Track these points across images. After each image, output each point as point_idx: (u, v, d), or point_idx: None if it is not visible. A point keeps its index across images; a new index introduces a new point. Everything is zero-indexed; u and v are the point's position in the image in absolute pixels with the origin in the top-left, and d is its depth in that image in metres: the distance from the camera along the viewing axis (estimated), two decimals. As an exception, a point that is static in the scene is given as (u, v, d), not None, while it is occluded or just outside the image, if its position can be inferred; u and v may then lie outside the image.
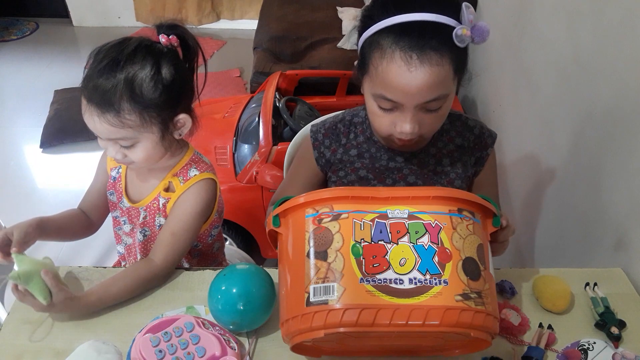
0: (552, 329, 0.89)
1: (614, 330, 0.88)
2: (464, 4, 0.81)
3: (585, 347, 0.86)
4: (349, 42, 2.64)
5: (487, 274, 0.71)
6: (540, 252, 1.48)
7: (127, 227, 1.12)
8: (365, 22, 0.86)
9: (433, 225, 0.69)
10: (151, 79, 0.90)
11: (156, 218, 1.06)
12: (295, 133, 1.32)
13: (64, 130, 2.71)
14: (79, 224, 1.11)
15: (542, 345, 0.86)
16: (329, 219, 0.69)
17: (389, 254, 0.67)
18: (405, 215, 0.69)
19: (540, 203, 1.49)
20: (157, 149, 0.97)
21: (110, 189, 1.11)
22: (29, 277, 0.84)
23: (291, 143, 1.29)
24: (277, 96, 2.08)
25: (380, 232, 0.68)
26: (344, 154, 1.05)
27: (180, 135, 1.00)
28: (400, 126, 0.87)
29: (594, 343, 0.87)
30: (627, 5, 1.09)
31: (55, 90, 3.09)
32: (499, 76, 1.96)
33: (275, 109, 1.98)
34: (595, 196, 1.19)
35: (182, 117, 0.97)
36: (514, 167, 1.72)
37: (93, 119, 0.90)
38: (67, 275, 0.98)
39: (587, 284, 0.98)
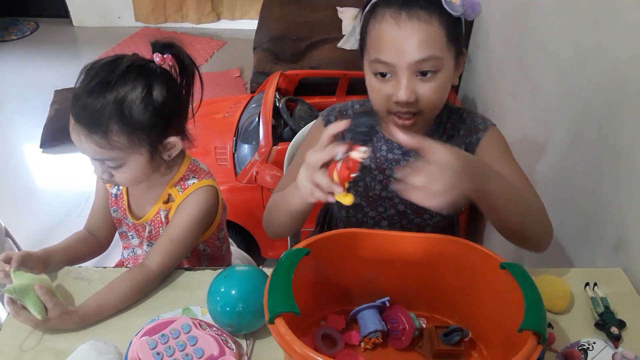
0: (552, 328, 0.89)
1: (614, 330, 0.88)
2: None
3: (585, 347, 0.86)
4: (349, 42, 2.64)
5: None
6: (540, 252, 1.48)
7: (135, 241, 1.13)
8: (365, 4, 0.90)
9: None
10: (141, 101, 0.88)
11: (160, 231, 1.06)
12: (295, 133, 1.32)
13: (64, 130, 2.67)
14: (88, 247, 1.09)
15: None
16: None
17: None
18: None
19: (540, 203, 1.49)
20: (145, 170, 0.96)
21: (113, 206, 1.10)
22: (25, 291, 0.83)
23: (291, 143, 1.30)
24: (277, 96, 2.08)
25: None
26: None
27: (169, 156, 0.98)
28: (396, 95, 0.86)
29: (594, 343, 0.87)
30: (627, 5, 1.09)
31: (55, 90, 3.09)
32: (499, 76, 1.96)
33: (275, 109, 1.98)
34: (595, 196, 1.19)
35: (172, 140, 0.95)
36: (514, 167, 1.72)
37: (80, 139, 0.89)
38: (67, 276, 0.98)
39: (587, 284, 0.98)
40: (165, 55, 0.93)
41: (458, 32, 0.87)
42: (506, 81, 1.87)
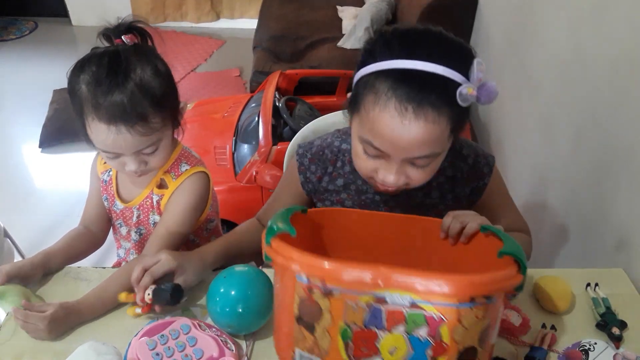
0: (555, 330, 0.89)
1: (615, 330, 0.88)
2: (476, 60, 0.74)
3: (586, 348, 0.86)
4: (349, 41, 2.64)
5: (485, 351, 0.66)
6: (541, 252, 1.48)
7: (124, 230, 1.12)
8: (365, 57, 0.78)
9: (436, 319, 0.61)
10: (155, 76, 0.90)
11: (150, 216, 1.06)
12: (295, 133, 1.31)
13: (63, 129, 2.70)
14: (85, 243, 1.09)
15: (545, 345, 0.86)
16: (320, 293, 0.63)
17: (379, 341, 0.63)
18: (407, 303, 0.61)
19: (542, 203, 1.49)
20: (171, 144, 1.00)
21: (103, 194, 1.11)
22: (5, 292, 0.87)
23: (291, 143, 1.29)
24: (277, 96, 2.08)
25: (375, 317, 0.62)
26: (329, 183, 0.99)
27: (182, 118, 1.01)
28: (383, 175, 0.81)
29: (595, 344, 0.87)
30: (628, 5, 1.09)
31: (54, 90, 3.08)
32: (500, 76, 1.96)
33: (275, 109, 1.98)
34: (596, 196, 1.19)
35: (182, 102, 1.00)
36: (514, 167, 1.71)
37: (123, 137, 0.88)
38: (66, 276, 0.98)
39: (588, 285, 0.97)
40: (127, 36, 0.94)
41: (463, 119, 0.79)
42: (506, 81, 1.87)
